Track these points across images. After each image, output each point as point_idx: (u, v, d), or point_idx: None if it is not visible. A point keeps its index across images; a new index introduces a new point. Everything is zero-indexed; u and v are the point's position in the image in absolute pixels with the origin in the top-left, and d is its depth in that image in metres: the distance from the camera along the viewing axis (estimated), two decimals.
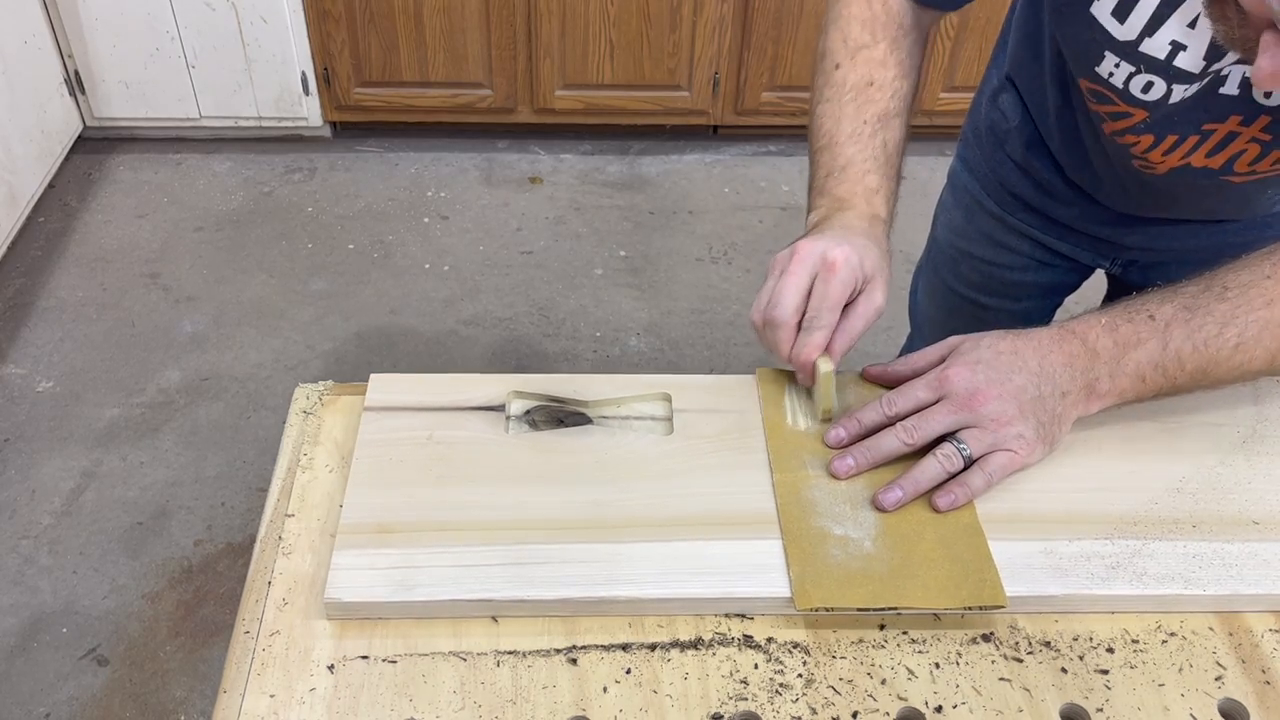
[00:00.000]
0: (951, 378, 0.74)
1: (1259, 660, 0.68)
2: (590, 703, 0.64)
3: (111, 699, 1.67)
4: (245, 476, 2.03)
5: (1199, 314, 0.73)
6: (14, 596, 1.80)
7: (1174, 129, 0.81)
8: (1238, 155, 0.81)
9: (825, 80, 0.89)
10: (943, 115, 2.86)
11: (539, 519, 0.73)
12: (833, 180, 0.86)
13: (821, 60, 0.90)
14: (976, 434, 0.73)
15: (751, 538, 0.72)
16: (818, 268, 0.76)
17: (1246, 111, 0.77)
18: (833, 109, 0.88)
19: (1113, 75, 0.80)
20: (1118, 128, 0.85)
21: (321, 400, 0.84)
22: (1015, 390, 0.73)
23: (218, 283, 2.48)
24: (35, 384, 2.20)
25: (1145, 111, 0.81)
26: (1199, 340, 0.72)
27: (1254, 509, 0.76)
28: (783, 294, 0.76)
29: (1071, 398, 0.74)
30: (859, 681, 0.66)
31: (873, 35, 0.88)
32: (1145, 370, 0.73)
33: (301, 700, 0.64)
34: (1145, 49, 0.76)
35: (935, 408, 0.74)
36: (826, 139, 0.88)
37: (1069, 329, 0.75)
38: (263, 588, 0.70)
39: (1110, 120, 0.85)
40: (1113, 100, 0.82)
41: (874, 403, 0.77)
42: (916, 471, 0.73)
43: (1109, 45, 0.78)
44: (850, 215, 0.83)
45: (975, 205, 1.16)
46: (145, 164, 2.83)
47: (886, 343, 2.39)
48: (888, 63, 0.88)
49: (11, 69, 2.46)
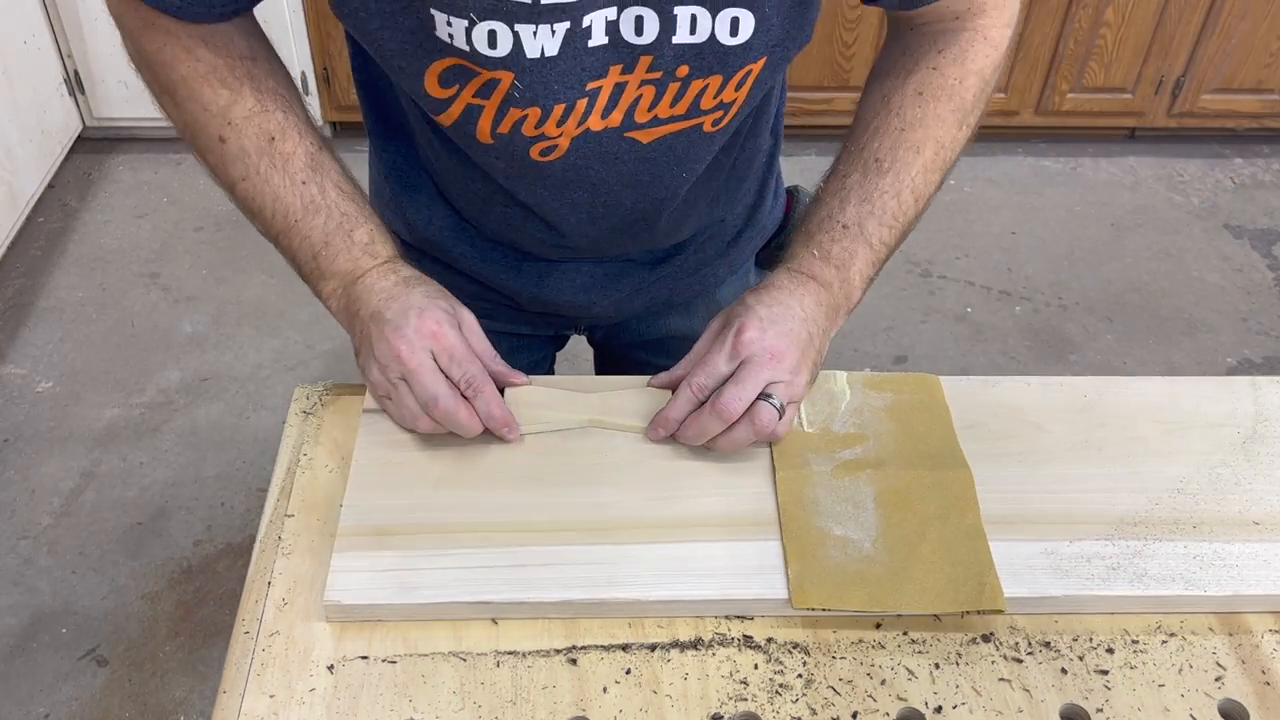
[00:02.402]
0: (747, 342, 0.74)
1: (1259, 661, 0.68)
2: (590, 703, 0.64)
3: (111, 699, 1.67)
4: (245, 476, 2.03)
5: (875, 198, 0.80)
6: (13, 597, 1.80)
7: (557, 95, 0.72)
8: (634, 104, 0.74)
9: (220, 159, 0.78)
10: None
11: (539, 521, 0.73)
12: (325, 259, 0.78)
13: (197, 138, 0.78)
14: (782, 388, 0.75)
15: (751, 539, 0.72)
16: (427, 344, 0.73)
17: (624, 59, 0.71)
18: (259, 186, 0.77)
19: (452, 38, 0.69)
20: (493, 104, 0.73)
21: (321, 401, 0.84)
22: (799, 339, 0.76)
23: (218, 283, 2.48)
24: (35, 384, 2.20)
25: (510, 73, 0.70)
26: (888, 218, 0.81)
27: (1254, 509, 0.76)
28: (426, 388, 0.73)
29: (825, 331, 0.79)
30: (859, 682, 0.66)
31: (226, 84, 0.76)
32: (867, 271, 0.81)
33: (301, 700, 0.64)
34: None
35: (741, 376, 0.74)
36: (281, 220, 0.78)
37: (797, 271, 0.80)
38: (262, 588, 0.70)
39: (479, 98, 0.73)
40: (468, 72, 0.71)
41: (678, 391, 0.77)
42: (735, 434, 0.75)
43: (431, 1, 0.67)
44: (373, 280, 0.77)
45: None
46: (145, 164, 2.83)
47: (886, 342, 2.39)
48: (263, 103, 0.77)
49: (11, 69, 2.46)
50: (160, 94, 0.79)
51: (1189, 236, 2.75)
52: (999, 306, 2.51)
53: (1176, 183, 2.94)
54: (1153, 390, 0.86)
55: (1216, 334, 2.45)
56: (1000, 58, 0.84)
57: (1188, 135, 3.04)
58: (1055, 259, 2.66)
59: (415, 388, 0.74)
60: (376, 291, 0.77)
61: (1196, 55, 2.78)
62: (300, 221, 0.78)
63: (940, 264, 2.63)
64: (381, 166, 0.96)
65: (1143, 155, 3.02)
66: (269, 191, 0.78)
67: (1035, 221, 2.78)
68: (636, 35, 0.70)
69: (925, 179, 0.81)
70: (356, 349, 0.78)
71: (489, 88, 0.72)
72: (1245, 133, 3.04)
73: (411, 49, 0.71)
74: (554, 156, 0.77)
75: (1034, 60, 2.77)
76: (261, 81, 0.77)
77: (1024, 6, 2.65)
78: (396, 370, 0.74)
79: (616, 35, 0.70)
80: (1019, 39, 2.72)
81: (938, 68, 0.82)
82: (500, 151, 0.77)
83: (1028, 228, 2.76)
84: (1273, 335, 2.46)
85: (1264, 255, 2.70)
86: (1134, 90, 2.85)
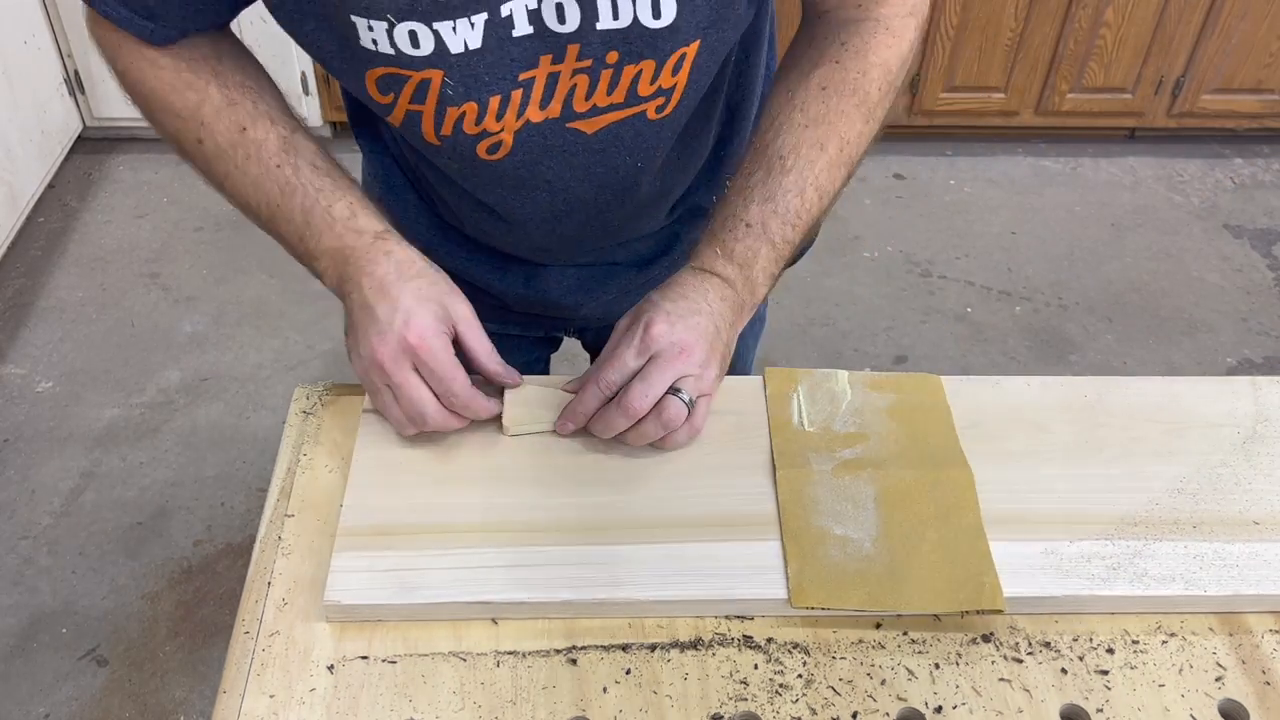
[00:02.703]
0: (655, 337, 0.74)
1: (1259, 661, 0.68)
2: (590, 703, 0.64)
3: (111, 699, 1.67)
4: (245, 476, 2.03)
5: (779, 197, 0.79)
6: (13, 597, 1.80)
7: (489, 88, 0.72)
8: (570, 94, 0.74)
9: (204, 161, 0.78)
10: (943, 115, 2.86)
11: (539, 521, 0.73)
12: (310, 239, 0.77)
13: (181, 146, 0.79)
14: (691, 382, 0.75)
15: (752, 539, 0.72)
16: (409, 358, 0.72)
17: (551, 48, 0.71)
18: (240, 179, 0.77)
19: (376, 43, 0.69)
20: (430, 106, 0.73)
21: (321, 401, 0.84)
22: (706, 333, 0.76)
23: (218, 283, 2.48)
24: (35, 384, 2.20)
25: (439, 71, 0.70)
26: (791, 216, 0.79)
27: (1254, 509, 0.76)
28: (413, 404, 0.73)
29: (732, 325, 0.79)
30: (859, 682, 0.66)
31: (192, 87, 0.76)
32: (770, 269, 0.80)
33: (301, 701, 0.64)
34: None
35: (650, 370, 0.74)
36: (265, 208, 0.78)
37: (701, 269, 0.80)
38: (262, 588, 0.70)
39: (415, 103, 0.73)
40: (400, 77, 0.71)
41: (586, 386, 0.77)
42: (643, 428, 0.75)
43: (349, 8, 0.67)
44: (364, 262, 0.75)
45: None
46: (145, 164, 2.83)
47: (886, 342, 2.39)
48: (230, 96, 0.77)
49: (11, 69, 2.46)
50: (143, 110, 0.79)
51: (1189, 236, 2.75)
52: (999, 306, 2.51)
53: (1176, 183, 2.94)
54: (1153, 390, 0.86)
55: (1216, 334, 2.45)
56: (906, 49, 0.83)
57: (1188, 135, 3.04)
58: (1055, 259, 2.66)
59: (401, 401, 0.74)
60: (368, 278, 0.75)
61: (1196, 55, 2.78)
62: (281, 205, 0.77)
63: (940, 264, 2.63)
64: (369, 172, 0.96)
65: (1143, 155, 3.02)
66: (249, 182, 0.78)
67: (1035, 221, 2.78)
68: (560, 23, 0.70)
69: (829, 175, 0.80)
70: (346, 330, 0.78)
71: (422, 90, 0.72)
72: (1245, 133, 3.04)
73: (346, 57, 0.71)
74: (501, 154, 0.77)
75: (1034, 60, 2.77)
76: (227, 77, 0.77)
77: (1024, 6, 2.66)
78: (381, 379, 0.74)
79: (540, 24, 0.70)
80: (1019, 39, 2.72)
81: (840, 61, 0.81)
82: (449, 153, 0.77)
83: (1028, 228, 2.76)
84: (1273, 335, 2.46)
85: (1264, 255, 2.70)
86: (1134, 90, 2.84)
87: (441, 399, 0.74)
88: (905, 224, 2.75)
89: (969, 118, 2.89)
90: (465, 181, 0.82)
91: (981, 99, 2.85)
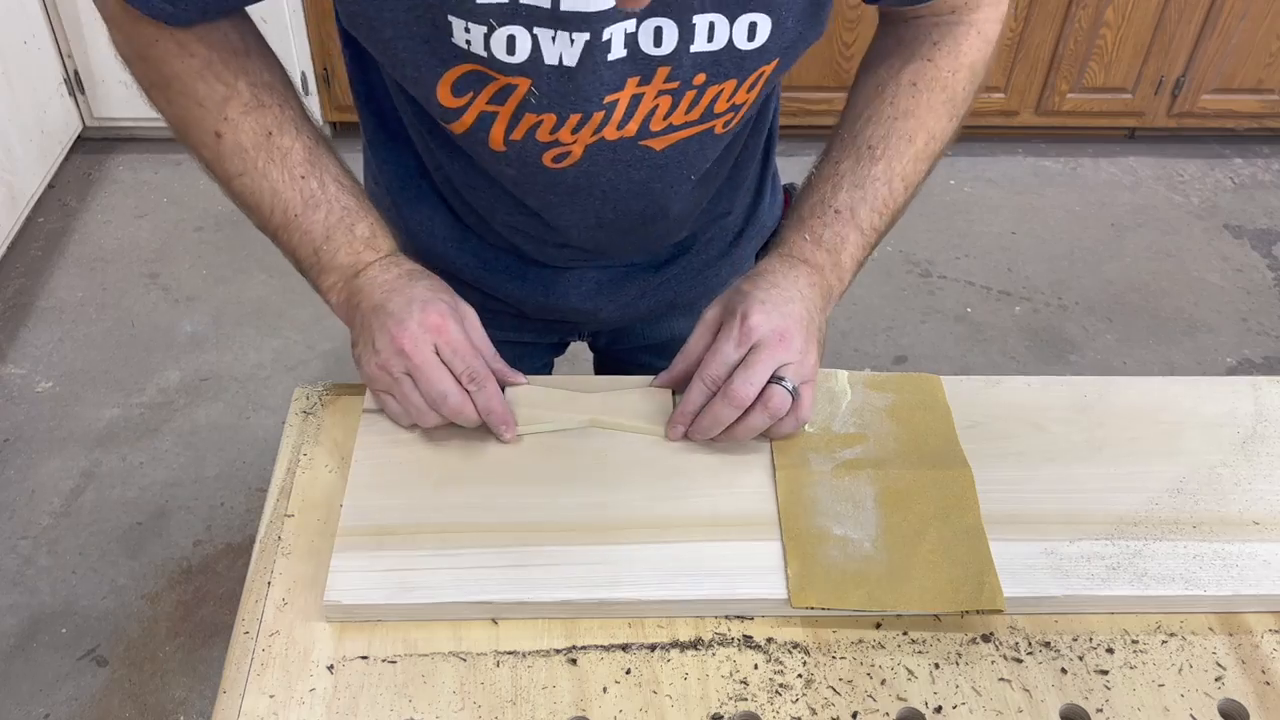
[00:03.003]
0: (754, 327, 0.74)
1: (1259, 661, 0.68)
2: (590, 703, 0.64)
3: (111, 699, 1.67)
4: (245, 476, 2.03)
5: (867, 185, 0.80)
6: (13, 597, 1.80)
7: (574, 106, 0.72)
8: (650, 114, 0.74)
9: (215, 154, 0.77)
10: None
11: (538, 521, 0.73)
12: (326, 254, 0.78)
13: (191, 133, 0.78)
14: (793, 369, 0.74)
15: (752, 539, 0.72)
16: (430, 339, 0.73)
17: (641, 70, 0.71)
18: (257, 182, 0.77)
19: (470, 44, 0.68)
20: (508, 110, 0.73)
21: (321, 401, 0.84)
22: (802, 319, 0.76)
23: (218, 283, 2.48)
24: (35, 384, 2.20)
25: (528, 79, 0.70)
26: (880, 204, 0.81)
27: (1254, 509, 0.76)
28: (434, 384, 0.73)
29: (822, 311, 0.79)
30: (859, 682, 0.66)
31: (221, 79, 0.75)
32: (858, 256, 0.81)
33: (301, 701, 0.64)
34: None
35: (751, 360, 0.74)
36: (280, 215, 0.78)
37: (790, 256, 0.80)
38: (262, 588, 0.70)
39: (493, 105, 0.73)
40: (487, 76, 0.71)
41: (691, 385, 0.76)
42: (751, 420, 0.74)
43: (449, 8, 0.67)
44: (375, 273, 0.77)
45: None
46: (145, 164, 2.83)
47: (886, 342, 2.39)
48: (259, 97, 0.76)
49: (11, 69, 2.46)
50: (150, 89, 0.78)
51: (1189, 236, 2.75)
52: (999, 306, 2.51)
53: (1176, 183, 2.94)
54: (1153, 390, 0.86)
55: (1216, 334, 2.45)
56: (991, 51, 0.85)
57: (1187, 135, 3.04)
58: (1055, 259, 2.66)
59: (422, 383, 0.74)
60: (379, 284, 0.76)
61: (1196, 55, 2.78)
62: (300, 216, 0.78)
63: (940, 264, 2.63)
64: (381, 176, 0.95)
65: (1143, 155, 3.02)
66: (267, 186, 0.77)
67: (1035, 221, 2.78)
68: (655, 46, 0.70)
69: (915, 167, 0.82)
70: (354, 341, 0.78)
71: (504, 93, 0.71)
72: (1245, 133, 3.04)
73: (425, 57, 0.70)
74: (567, 164, 0.77)
75: (1034, 60, 2.77)
76: (256, 75, 0.77)
77: (1024, 6, 2.66)
78: (400, 365, 0.74)
79: (635, 47, 0.70)
80: (1019, 39, 2.72)
81: (932, 59, 0.82)
82: (512, 159, 0.77)
83: (1028, 228, 2.76)
84: (1273, 335, 2.46)
85: (1264, 255, 2.70)
86: (1134, 90, 2.84)
87: (462, 378, 0.74)
88: (905, 224, 2.73)
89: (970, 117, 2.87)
90: (516, 187, 0.82)
91: (982, 99, 2.82)
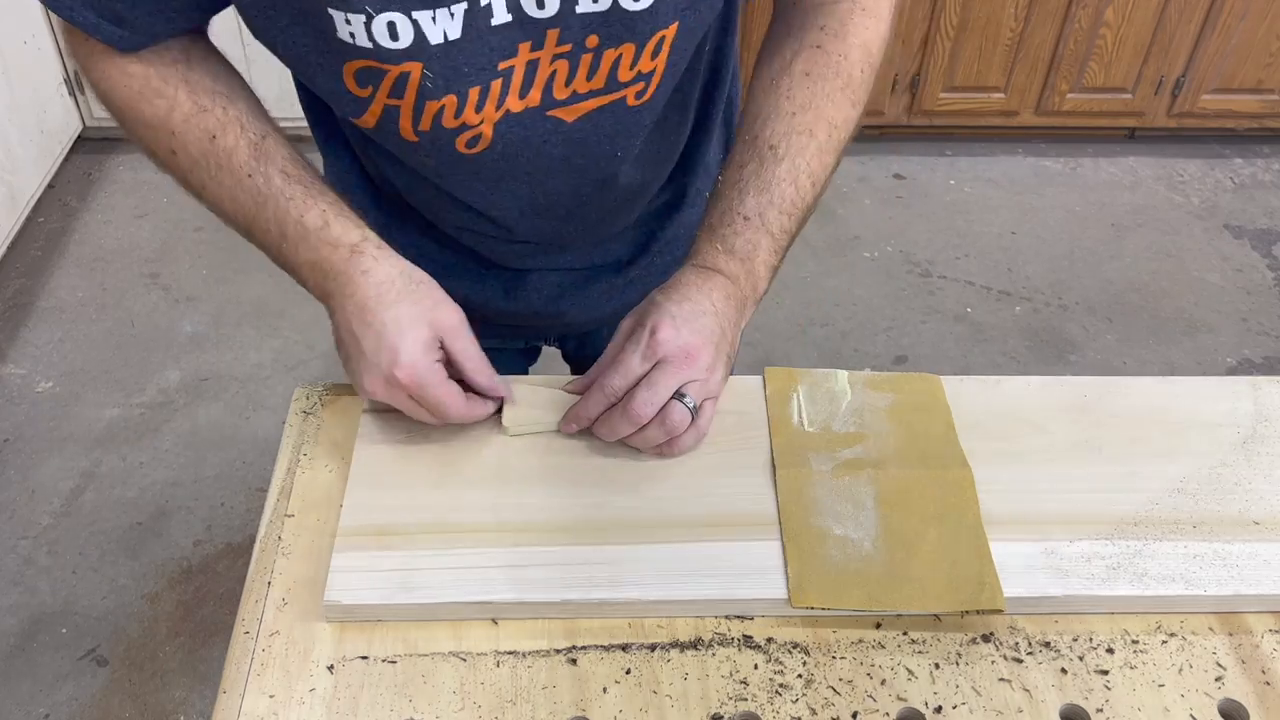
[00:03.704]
0: (662, 341, 0.73)
1: (1259, 661, 0.68)
2: (590, 703, 0.64)
3: (111, 699, 1.67)
4: (245, 476, 2.03)
5: (773, 187, 0.79)
6: (13, 597, 1.80)
7: (469, 79, 0.71)
8: (550, 81, 0.73)
9: (181, 173, 0.78)
10: (942, 115, 2.86)
11: (539, 521, 0.73)
12: (287, 252, 0.78)
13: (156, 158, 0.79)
14: (697, 387, 0.74)
15: (752, 539, 0.72)
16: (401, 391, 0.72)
17: (530, 35, 0.70)
18: (216, 190, 0.77)
19: (354, 36, 0.67)
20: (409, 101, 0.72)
21: (321, 401, 0.84)
22: (712, 335, 0.75)
23: (218, 283, 2.48)
24: (35, 384, 2.20)
25: (417, 63, 0.69)
26: (787, 206, 0.79)
27: (1254, 509, 0.76)
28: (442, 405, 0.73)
29: (736, 325, 0.78)
30: (859, 682, 0.66)
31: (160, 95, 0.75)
32: (771, 261, 0.80)
33: (301, 701, 0.64)
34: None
35: (656, 376, 0.73)
36: (242, 219, 0.78)
37: (703, 268, 0.79)
38: (262, 588, 0.70)
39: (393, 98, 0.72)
40: (378, 71, 0.70)
41: (592, 391, 0.76)
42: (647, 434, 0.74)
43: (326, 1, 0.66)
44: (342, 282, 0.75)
45: None
46: (145, 164, 2.79)
47: (886, 342, 2.39)
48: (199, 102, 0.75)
49: (11, 69, 2.46)
50: (119, 123, 0.78)
51: (1189, 236, 2.75)
52: (999, 306, 2.51)
53: (1176, 183, 2.94)
54: (1153, 390, 0.86)
55: (1216, 334, 2.45)
56: (885, 29, 0.83)
57: (1188, 135, 3.04)
58: (1055, 259, 2.66)
59: (431, 402, 0.74)
60: (350, 301, 0.74)
61: (1196, 55, 2.78)
62: (256, 217, 0.77)
63: (940, 264, 2.63)
64: (338, 185, 0.93)
65: (1143, 155, 3.02)
66: (224, 193, 0.77)
67: (1035, 221, 2.78)
68: (539, 9, 0.69)
69: (820, 161, 0.80)
70: (336, 342, 0.77)
71: (401, 84, 0.71)
72: (1245, 133, 3.04)
73: (322, 51, 0.70)
74: (480, 148, 0.76)
75: (1034, 60, 2.77)
76: (197, 83, 0.75)
77: (1024, 6, 2.66)
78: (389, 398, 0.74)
79: (519, 11, 0.69)
80: (1019, 39, 2.72)
81: (821, 45, 0.81)
82: (427, 149, 0.76)
83: (1028, 228, 2.76)
84: (1273, 335, 2.46)
85: (1264, 255, 2.70)
86: (1134, 90, 2.84)
87: (439, 422, 0.75)
88: (905, 224, 2.75)
89: (969, 118, 2.89)
90: (443, 180, 0.82)
91: (981, 99, 2.85)
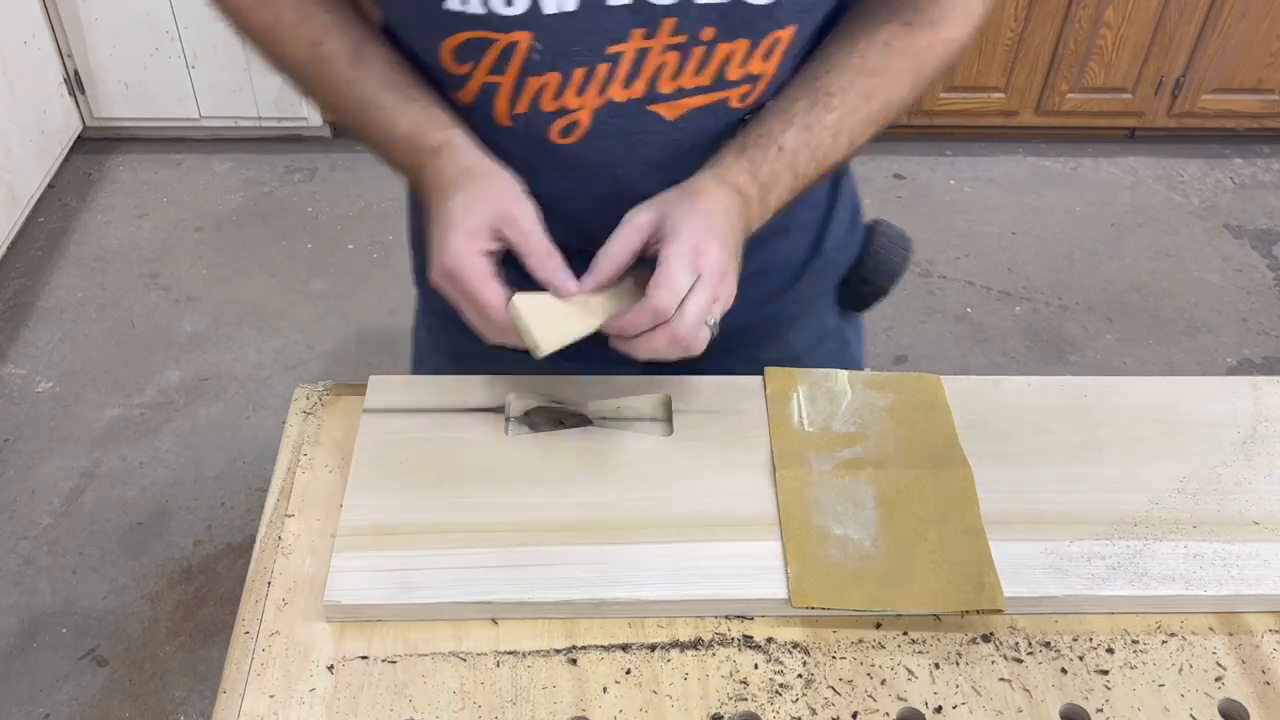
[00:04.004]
0: (711, 263, 0.70)
1: (1259, 661, 0.68)
2: (590, 703, 0.64)
3: (111, 699, 1.67)
4: (245, 476, 2.03)
5: (815, 131, 0.77)
6: (13, 597, 1.80)
7: (576, 58, 0.71)
8: (658, 73, 0.72)
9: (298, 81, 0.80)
10: (942, 115, 2.86)
11: (539, 521, 0.73)
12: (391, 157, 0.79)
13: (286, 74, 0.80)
14: (719, 307, 0.72)
15: (752, 539, 0.72)
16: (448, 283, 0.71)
17: (645, 22, 0.69)
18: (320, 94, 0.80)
19: (466, 2, 0.68)
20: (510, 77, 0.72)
21: (321, 401, 0.84)
22: (735, 254, 0.73)
23: (218, 283, 2.48)
24: (35, 384, 2.20)
25: (528, 32, 0.69)
26: (821, 154, 0.78)
27: (1254, 509, 0.76)
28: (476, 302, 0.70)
29: (740, 243, 0.76)
30: (859, 682, 0.66)
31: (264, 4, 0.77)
32: (784, 198, 0.78)
33: (301, 701, 0.64)
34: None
35: (700, 296, 0.70)
36: (354, 124, 0.79)
37: (724, 181, 0.76)
38: (262, 588, 0.70)
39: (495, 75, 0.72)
40: (484, 41, 0.70)
41: (642, 308, 0.70)
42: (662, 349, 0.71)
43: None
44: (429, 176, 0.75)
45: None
46: (145, 164, 2.83)
47: (886, 342, 2.39)
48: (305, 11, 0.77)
49: (11, 69, 2.46)
50: (238, 37, 0.80)
51: (1189, 236, 2.75)
52: (999, 306, 2.51)
53: (1176, 183, 2.94)
54: (1153, 390, 0.86)
55: (1216, 334, 2.45)
56: (970, 33, 0.82)
57: (1188, 135, 3.04)
58: (1055, 259, 2.66)
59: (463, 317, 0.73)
60: (429, 201, 0.76)
61: (1196, 55, 2.78)
62: (359, 122, 0.79)
63: (940, 264, 2.63)
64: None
65: (1143, 155, 3.02)
66: (330, 99, 0.79)
67: (1035, 221, 2.78)
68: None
69: (864, 131, 0.79)
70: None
71: (505, 56, 0.71)
72: (1245, 133, 3.04)
73: (424, 20, 0.71)
74: (575, 137, 0.76)
75: (1034, 60, 2.77)
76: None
77: (1024, 6, 2.66)
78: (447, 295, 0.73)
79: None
80: (1019, 39, 2.72)
81: (911, 24, 0.80)
82: (520, 135, 0.76)
83: (1028, 228, 2.76)
84: (1273, 335, 2.46)
85: (1264, 255, 2.70)
86: (1134, 90, 2.84)
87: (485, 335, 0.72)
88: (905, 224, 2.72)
89: (969, 118, 2.89)
90: (527, 172, 0.79)
91: (981, 99, 2.85)
